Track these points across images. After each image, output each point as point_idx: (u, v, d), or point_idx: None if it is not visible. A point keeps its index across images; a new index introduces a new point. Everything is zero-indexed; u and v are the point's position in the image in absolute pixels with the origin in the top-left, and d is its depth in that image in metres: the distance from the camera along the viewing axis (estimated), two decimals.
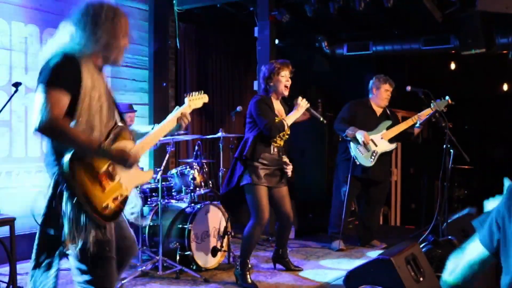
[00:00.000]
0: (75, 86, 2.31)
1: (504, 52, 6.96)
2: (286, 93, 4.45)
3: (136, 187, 2.75)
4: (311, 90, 7.97)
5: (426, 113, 5.36)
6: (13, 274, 3.78)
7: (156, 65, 6.69)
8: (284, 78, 4.40)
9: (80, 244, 2.30)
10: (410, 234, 6.01)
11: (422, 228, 6.02)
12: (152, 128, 2.79)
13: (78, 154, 2.30)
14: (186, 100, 2.96)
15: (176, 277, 4.48)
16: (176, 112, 2.82)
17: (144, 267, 4.56)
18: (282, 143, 4.46)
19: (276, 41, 6.74)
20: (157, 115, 6.45)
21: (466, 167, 5.98)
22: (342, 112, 5.69)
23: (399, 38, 7.73)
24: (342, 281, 3.56)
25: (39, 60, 2.40)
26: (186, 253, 4.59)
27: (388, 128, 5.53)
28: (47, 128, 2.26)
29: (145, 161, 6.36)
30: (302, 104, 4.39)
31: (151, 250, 4.80)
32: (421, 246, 3.95)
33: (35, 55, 5.43)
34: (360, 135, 5.37)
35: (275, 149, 4.40)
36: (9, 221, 3.80)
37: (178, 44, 6.83)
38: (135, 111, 5.67)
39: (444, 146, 4.75)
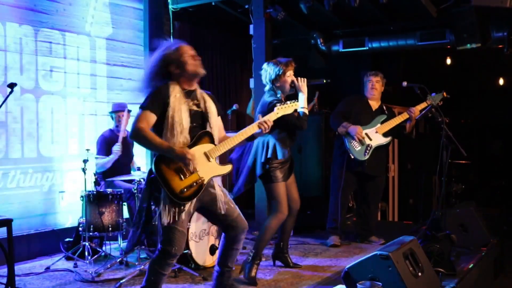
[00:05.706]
0: (160, 108, 3.26)
1: (500, 46, 6.97)
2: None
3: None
4: (307, 87, 7.96)
5: (420, 106, 5.40)
6: (11, 275, 3.77)
7: None
8: (290, 78, 4.42)
9: (158, 213, 3.27)
10: (408, 229, 6.02)
11: (420, 224, 6.03)
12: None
13: (161, 154, 3.25)
14: (275, 108, 3.73)
15: (175, 275, 4.48)
16: (259, 119, 3.56)
17: (142, 266, 4.55)
18: None
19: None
20: None
21: (463, 161, 5.99)
22: (338, 107, 5.73)
23: (395, 33, 7.74)
24: (340, 277, 3.56)
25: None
26: (185, 251, 4.58)
27: (382, 123, 5.56)
28: (133, 135, 3.24)
29: (142, 161, 6.35)
30: (301, 83, 4.40)
31: (150, 249, 4.81)
32: (419, 241, 3.95)
33: (30, 56, 5.42)
34: (353, 130, 5.40)
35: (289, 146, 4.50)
36: (7, 222, 3.79)
37: None
38: (130, 111, 5.53)
39: (441, 141, 4.75)
